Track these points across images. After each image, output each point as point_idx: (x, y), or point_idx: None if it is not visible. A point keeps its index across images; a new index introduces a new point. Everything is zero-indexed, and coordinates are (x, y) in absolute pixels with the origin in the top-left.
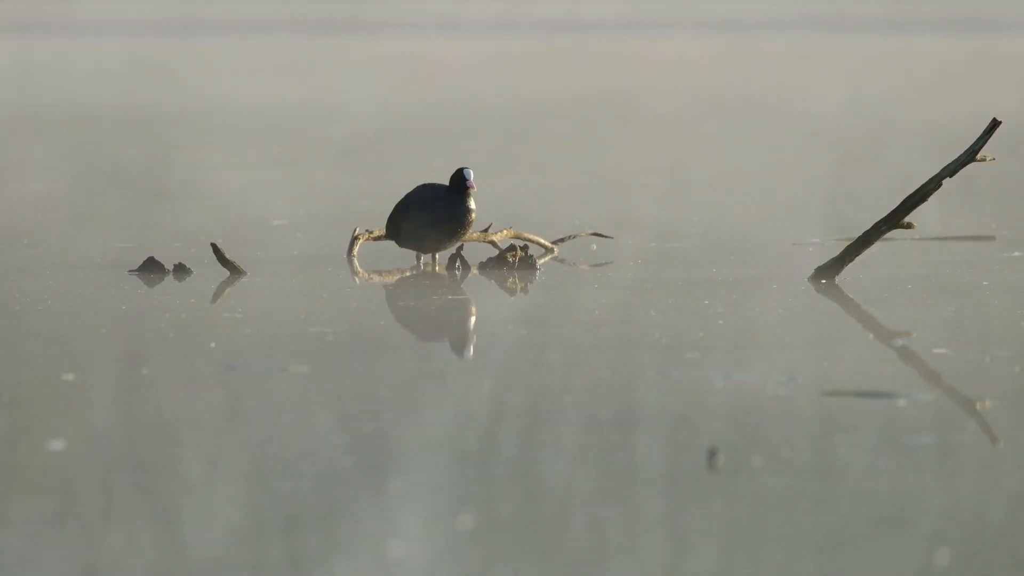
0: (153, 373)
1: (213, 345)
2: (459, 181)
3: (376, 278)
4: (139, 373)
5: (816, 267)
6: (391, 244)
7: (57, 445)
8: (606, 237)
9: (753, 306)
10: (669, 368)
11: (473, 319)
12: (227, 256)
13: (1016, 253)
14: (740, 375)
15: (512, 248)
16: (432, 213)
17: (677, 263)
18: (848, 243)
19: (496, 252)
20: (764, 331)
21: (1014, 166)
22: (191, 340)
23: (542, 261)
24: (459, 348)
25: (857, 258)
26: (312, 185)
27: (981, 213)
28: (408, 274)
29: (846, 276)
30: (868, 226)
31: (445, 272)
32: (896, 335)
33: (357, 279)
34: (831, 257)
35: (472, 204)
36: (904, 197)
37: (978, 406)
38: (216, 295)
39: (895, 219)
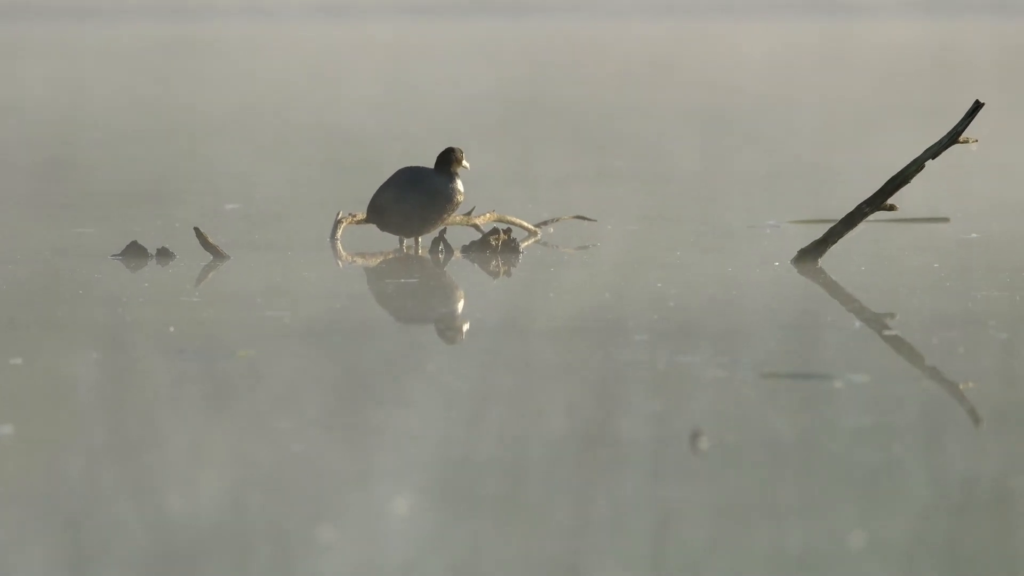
0: (101, 357)
1: (172, 329)
2: (448, 161)
3: (359, 261)
4: (89, 357)
5: (799, 249)
6: (375, 227)
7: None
8: (589, 220)
9: (725, 288)
10: (651, 355)
11: (455, 302)
12: (210, 240)
13: (973, 235)
14: (692, 357)
15: (495, 231)
16: (421, 195)
17: (656, 247)
18: (831, 224)
19: (479, 235)
20: (732, 314)
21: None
22: (150, 324)
23: (525, 244)
24: (433, 331)
25: (814, 240)
26: (298, 169)
27: (934, 194)
28: (391, 257)
29: (807, 255)
30: (814, 207)
31: (428, 256)
32: (851, 317)
33: (340, 263)
34: (813, 240)
35: (460, 185)
36: (887, 179)
37: (965, 387)
38: (194, 279)
39: (877, 201)
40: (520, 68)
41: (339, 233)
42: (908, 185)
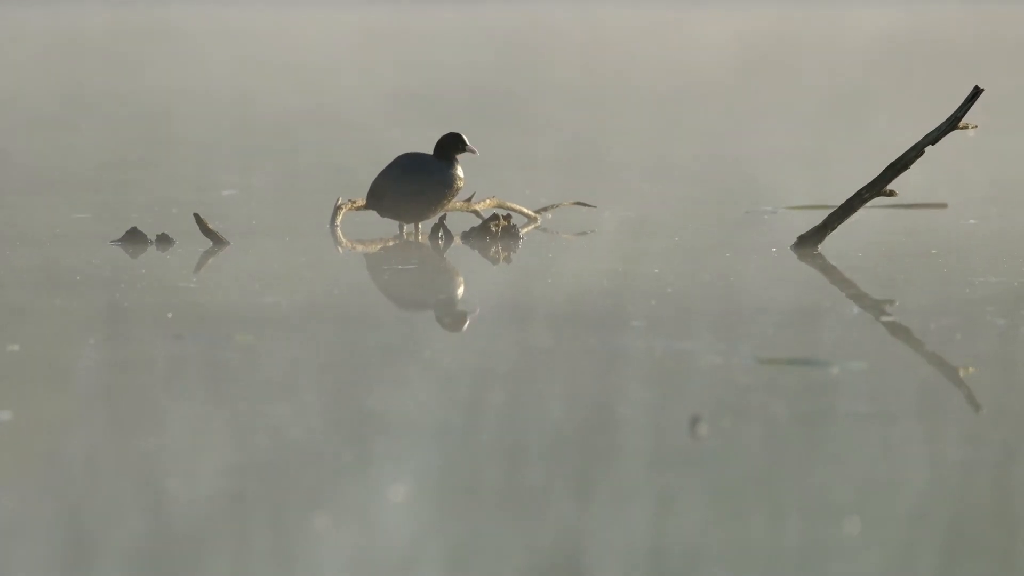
0: (99, 343)
1: (170, 315)
2: (450, 146)
3: (359, 247)
4: (87, 343)
5: (798, 235)
6: (375, 213)
7: None
8: (589, 206)
9: (723, 274)
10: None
11: (454, 288)
12: (209, 226)
13: (971, 221)
14: (687, 344)
15: (495, 217)
16: (421, 181)
17: (654, 233)
18: (830, 210)
19: (479, 221)
20: (730, 299)
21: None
22: (149, 309)
23: (525, 230)
24: (433, 317)
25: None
26: (296, 155)
27: (932, 180)
28: (391, 243)
29: (806, 242)
30: (801, 193)
31: (428, 242)
32: (849, 304)
33: (339, 249)
34: (812, 226)
35: (460, 171)
36: (885, 165)
37: (963, 373)
38: (193, 265)
39: (877, 187)
40: (510, 55)
41: (338, 219)
42: (906, 171)
